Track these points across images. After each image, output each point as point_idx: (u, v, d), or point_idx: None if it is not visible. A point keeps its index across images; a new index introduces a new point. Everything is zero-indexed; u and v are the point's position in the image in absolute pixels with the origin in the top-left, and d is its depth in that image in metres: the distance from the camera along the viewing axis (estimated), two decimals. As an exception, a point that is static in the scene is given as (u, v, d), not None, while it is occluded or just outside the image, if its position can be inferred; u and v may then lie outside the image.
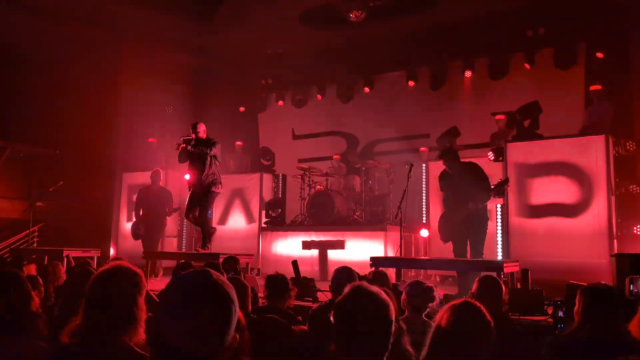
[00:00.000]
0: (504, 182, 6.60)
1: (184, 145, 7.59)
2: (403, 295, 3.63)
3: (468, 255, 6.62)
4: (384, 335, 1.66)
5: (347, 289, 1.73)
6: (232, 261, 5.67)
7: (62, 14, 10.85)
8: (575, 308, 2.88)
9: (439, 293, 5.44)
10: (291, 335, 3.53)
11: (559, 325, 3.42)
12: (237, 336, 1.32)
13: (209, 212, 8.12)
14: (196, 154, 7.60)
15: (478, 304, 2.19)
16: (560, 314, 3.51)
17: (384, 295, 1.70)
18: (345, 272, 4.06)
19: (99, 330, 2.05)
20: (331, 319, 1.70)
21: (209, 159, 7.61)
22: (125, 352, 2.05)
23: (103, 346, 2.03)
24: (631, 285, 3.28)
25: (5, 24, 10.95)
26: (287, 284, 4.11)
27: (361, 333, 1.65)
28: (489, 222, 7.30)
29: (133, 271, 2.21)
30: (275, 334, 3.43)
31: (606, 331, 2.70)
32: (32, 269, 4.74)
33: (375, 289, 1.71)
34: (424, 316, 3.54)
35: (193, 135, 7.60)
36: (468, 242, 6.65)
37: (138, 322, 2.14)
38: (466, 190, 6.54)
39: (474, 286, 3.54)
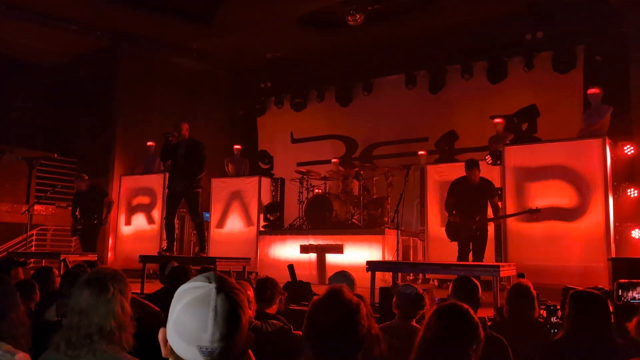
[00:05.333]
0: (536, 211, 7.01)
1: (168, 145, 7.49)
2: (394, 299, 3.58)
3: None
4: (354, 339, 1.67)
5: (323, 293, 1.74)
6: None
7: (59, 18, 10.86)
8: (566, 312, 2.85)
9: (435, 298, 5.43)
10: (292, 339, 3.50)
11: (552, 330, 3.39)
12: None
13: (206, 215, 8.04)
14: (180, 156, 7.51)
15: (465, 306, 2.15)
16: (554, 319, 3.49)
17: (355, 301, 1.70)
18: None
19: (85, 339, 2.02)
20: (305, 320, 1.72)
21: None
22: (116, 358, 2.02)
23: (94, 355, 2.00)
24: (619, 290, 3.24)
25: (4, 29, 10.96)
26: (276, 289, 3.99)
27: (330, 337, 1.66)
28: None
29: (116, 276, 2.18)
30: (277, 339, 3.40)
31: (597, 336, 2.68)
32: (19, 273, 4.67)
33: (349, 294, 1.71)
34: (414, 322, 3.48)
35: (176, 134, 7.53)
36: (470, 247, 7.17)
37: (126, 326, 2.11)
38: (480, 204, 7.07)
39: (450, 287, 3.50)
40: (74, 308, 2.08)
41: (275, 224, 10.33)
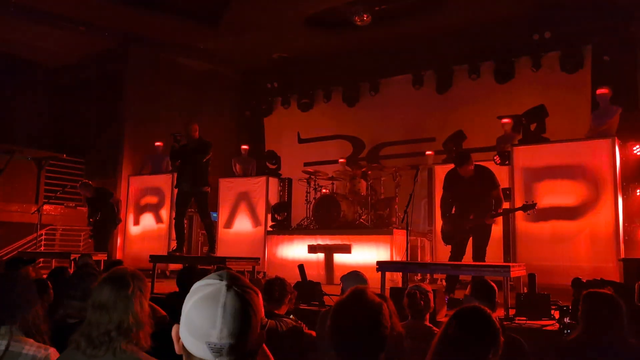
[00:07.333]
0: (531, 206, 6.30)
1: (177, 145, 7.57)
2: (405, 300, 3.60)
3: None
4: (377, 340, 1.69)
5: (347, 293, 1.76)
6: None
7: (68, 18, 10.92)
8: (579, 313, 2.85)
9: (445, 297, 5.44)
10: (304, 338, 3.53)
11: (565, 331, 3.39)
12: None
13: (214, 215, 8.07)
14: (189, 156, 7.58)
15: (487, 310, 2.13)
16: (567, 319, 3.49)
17: (378, 302, 1.72)
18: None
19: (104, 336, 2.04)
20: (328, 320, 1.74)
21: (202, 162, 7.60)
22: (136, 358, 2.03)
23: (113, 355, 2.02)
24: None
25: (11, 30, 11.03)
26: (285, 289, 3.91)
27: (354, 337, 1.68)
28: (494, 226, 7.25)
29: (136, 274, 2.20)
30: (291, 338, 3.43)
31: (610, 336, 2.68)
32: (30, 271, 4.69)
33: (372, 295, 1.73)
34: (427, 321, 3.51)
35: (184, 134, 7.62)
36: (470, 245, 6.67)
37: (144, 324, 2.13)
38: (477, 196, 6.42)
39: (468, 289, 3.51)
40: (94, 304, 2.10)
41: (282, 224, 10.35)
